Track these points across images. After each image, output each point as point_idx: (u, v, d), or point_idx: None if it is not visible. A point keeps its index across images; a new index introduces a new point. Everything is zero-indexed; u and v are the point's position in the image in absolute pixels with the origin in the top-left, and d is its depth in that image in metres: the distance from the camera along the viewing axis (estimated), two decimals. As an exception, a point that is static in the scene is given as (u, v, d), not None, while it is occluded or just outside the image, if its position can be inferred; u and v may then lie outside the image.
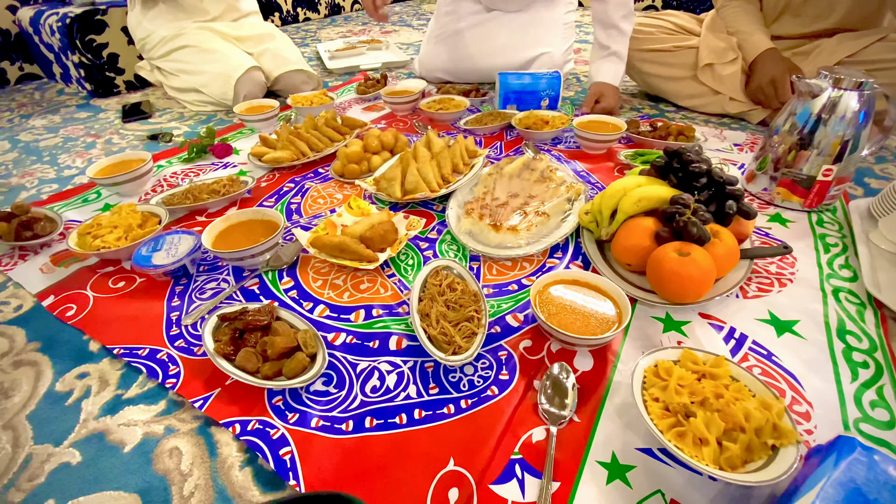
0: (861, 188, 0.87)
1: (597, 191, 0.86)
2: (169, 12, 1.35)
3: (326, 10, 2.81)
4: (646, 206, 0.62)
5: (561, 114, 1.10)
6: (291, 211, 0.82)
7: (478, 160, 0.90)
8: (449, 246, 0.71)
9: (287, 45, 1.42)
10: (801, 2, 1.05)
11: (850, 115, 0.71)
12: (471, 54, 1.39)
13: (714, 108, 1.15)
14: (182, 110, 1.36)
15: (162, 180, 0.95)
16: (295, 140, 0.97)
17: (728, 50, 1.09)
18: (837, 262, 0.66)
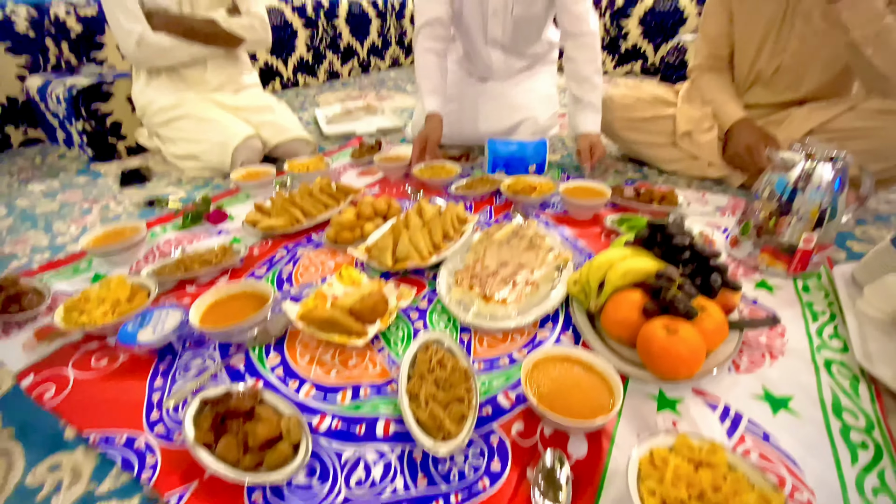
0: (844, 252, 0.89)
1: (584, 257, 0.87)
2: (171, 83, 1.42)
3: (325, 75, 2.97)
4: (633, 279, 0.63)
5: (548, 179, 1.14)
6: (282, 280, 0.82)
7: (468, 226, 0.92)
8: (440, 316, 0.71)
9: (286, 115, 1.48)
10: (770, 73, 1.13)
11: (825, 185, 0.74)
12: (460, 120, 1.46)
13: (695, 171, 1.20)
14: (180, 175, 1.39)
15: (155, 248, 0.95)
16: (289, 207, 0.98)
17: (704, 119, 1.15)
18: (827, 331, 0.66)
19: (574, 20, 1.21)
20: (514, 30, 1.36)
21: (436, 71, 1.30)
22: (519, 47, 1.42)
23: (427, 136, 1.24)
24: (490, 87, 1.47)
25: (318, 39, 2.83)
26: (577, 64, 1.22)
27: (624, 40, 2.83)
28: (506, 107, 1.42)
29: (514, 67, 1.47)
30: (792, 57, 1.07)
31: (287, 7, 2.61)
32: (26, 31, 1.75)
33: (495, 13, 1.31)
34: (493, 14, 1.31)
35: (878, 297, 0.68)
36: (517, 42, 1.40)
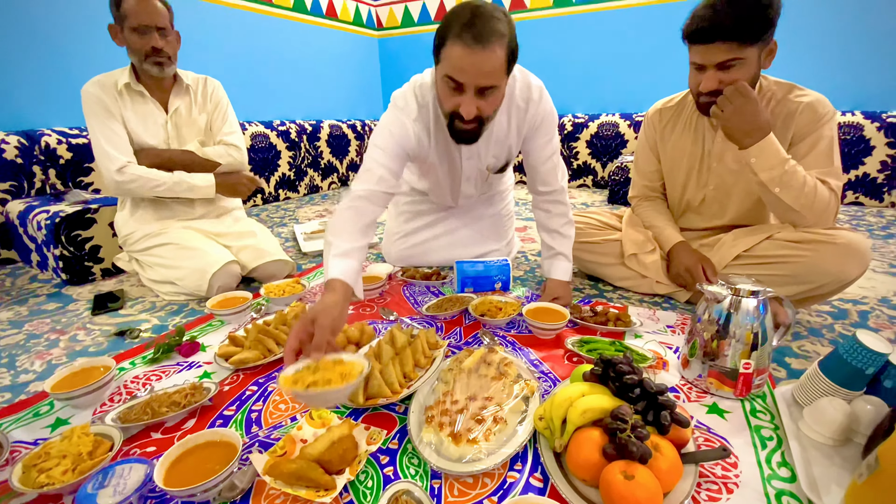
0: (783, 369, 0.96)
1: (550, 383, 0.91)
2: (156, 211, 1.50)
3: (306, 189, 3.16)
4: (591, 418, 0.67)
5: (513, 298, 1.22)
6: (251, 421, 0.82)
7: (438, 352, 0.96)
8: (410, 460, 0.72)
9: (266, 238, 1.56)
10: (698, 203, 1.30)
11: (752, 311, 0.83)
12: (426, 251, 1.56)
13: (644, 288, 1.31)
14: (155, 299, 1.41)
15: (122, 387, 0.94)
16: (263, 338, 1.01)
17: (646, 242, 1.29)
18: (775, 458, 0.70)
19: (543, 180, 1.27)
20: (485, 185, 1.44)
21: (357, 232, 1.02)
22: (486, 192, 1.52)
23: (315, 316, 0.78)
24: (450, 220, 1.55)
25: (300, 159, 3.07)
26: (549, 216, 1.29)
27: (575, 159, 3.20)
28: (469, 241, 1.54)
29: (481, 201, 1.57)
30: (714, 191, 1.25)
31: (272, 133, 2.86)
32: (14, 157, 1.84)
33: (468, 179, 1.35)
34: (467, 179, 1.35)
35: (816, 421, 0.74)
36: (485, 190, 1.50)
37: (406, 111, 1.16)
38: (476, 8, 0.92)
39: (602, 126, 3.07)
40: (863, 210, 2.45)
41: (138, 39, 1.33)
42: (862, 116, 2.47)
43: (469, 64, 0.92)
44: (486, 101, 0.99)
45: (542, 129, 1.20)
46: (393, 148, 1.12)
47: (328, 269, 0.94)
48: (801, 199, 1.04)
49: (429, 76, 1.17)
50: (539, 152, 1.23)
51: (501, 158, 1.30)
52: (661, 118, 1.30)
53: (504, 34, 0.93)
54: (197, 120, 1.54)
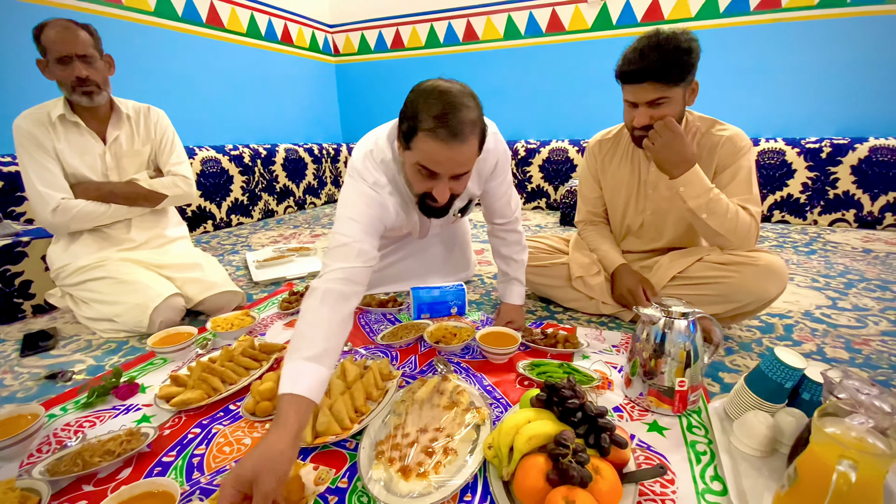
0: (717, 384, 1.02)
1: (501, 409, 0.93)
2: (94, 242, 1.43)
3: (260, 214, 3.09)
4: (536, 444, 0.69)
5: (467, 325, 1.24)
6: (193, 466, 0.78)
7: (391, 383, 0.96)
8: (360, 498, 0.71)
9: (214, 269, 1.50)
10: (637, 228, 1.38)
11: (684, 332, 0.88)
12: (385, 277, 1.57)
13: (591, 309, 1.37)
14: (91, 337, 1.33)
15: (52, 436, 0.87)
16: (208, 377, 0.97)
17: (592, 264, 1.36)
18: (708, 472, 0.75)
19: (498, 213, 1.29)
20: (452, 225, 1.47)
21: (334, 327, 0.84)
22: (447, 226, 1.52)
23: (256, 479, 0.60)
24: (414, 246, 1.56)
25: (254, 183, 3.01)
26: (504, 244, 1.32)
27: (529, 182, 3.32)
28: (427, 260, 1.57)
29: None
30: (651, 216, 1.33)
31: (224, 157, 2.80)
32: (-62, 188, 1.71)
33: (435, 224, 1.35)
34: (434, 225, 1.35)
35: (744, 434, 0.79)
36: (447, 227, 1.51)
37: (379, 186, 1.06)
38: (446, 98, 0.86)
39: (553, 151, 3.22)
40: (788, 228, 2.67)
41: (62, 71, 1.28)
42: (784, 143, 2.72)
43: (445, 158, 0.88)
44: (458, 184, 0.96)
45: (497, 171, 1.21)
46: (371, 221, 1.01)
47: (288, 377, 0.73)
48: (726, 224, 1.13)
49: (384, 145, 1.07)
50: (495, 191, 1.26)
51: (465, 202, 1.29)
52: (601, 149, 1.38)
53: (476, 122, 0.88)
54: (140, 151, 1.49)
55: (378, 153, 1.07)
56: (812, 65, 2.70)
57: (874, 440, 0.57)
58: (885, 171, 2.50)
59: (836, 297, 1.55)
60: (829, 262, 1.96)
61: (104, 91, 1.37)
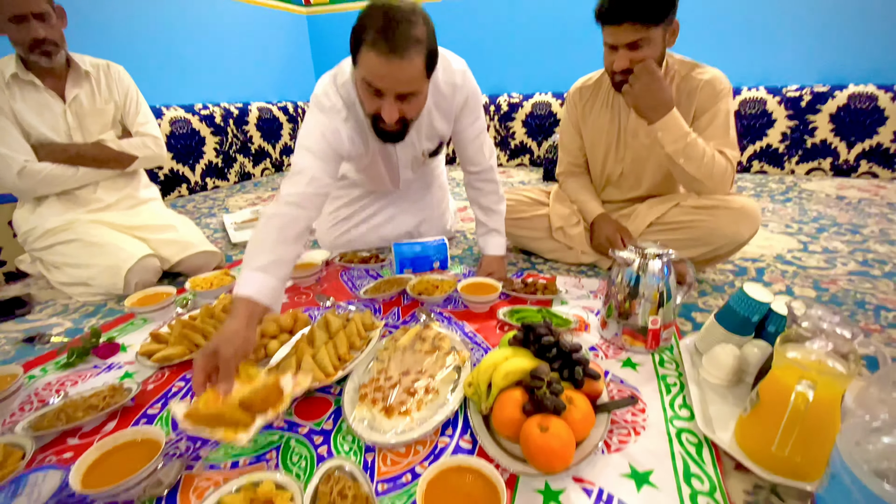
0: (690, 323, 1.06)
1: (482, 352, 0.95)
2: (61, 203, 1.38)
3: (236, 177, 3.00)
4: (513, 379, 0.71)
5: (451, 277, 1.25)
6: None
7: (374, 333, 0.97)
8: (344, 437, 0.73)
9: (189, 230, 1.47)
10: (616, 177, 1.38)
11: (658, 273, 0.90)
12: (362, 234, 1.56)
13: (571, 259, 1.39)
14: (67, 302, 1.30)
15: (33, 395, 0.87)
16: (189, 333, 0.97)
17: (572, 215, 1.37)
18: (678, 402, 0.78)
19: (471, 160, 1.29)
20: (420, 169, 1.44)
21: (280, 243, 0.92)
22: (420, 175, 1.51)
23: (216, 349, 0.72)
24: (391, 204, 1.55)
25: (227, 144, 2.90)
26: (480, 194, 1.33)
27: (512, 139, 3.26)
28: (406, 216, 1.55)
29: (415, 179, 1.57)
30: (630, 164, 1.33)
31: (194, 117, 2.68)
32: None
33: (406, 166, 1.35)
34: (404, 167, 1.35)
35: (712, 365, 0.83)
36: (424, 173, 1.51)
37: (334, 112, 1.08)
38: (390, 11, 0.86)
39: (536, 105, 3.15)
40: (766, 178, 2.71)
41: (17, 31, 1.19)
42: (765, 91, 2.71)
43: (386, 73, 0.89)
44: (408, 105, 0.96)
45: (466, 109, 1.21)
46: (325, 150, 1.04)
47: (240, 283, 0.85)
48: (702, 168, 1.13)
49: (348, 69, 1.09)
50: (465, 132, 1.25)
51: (434, 142, 1.30)
52: (582, 96, 1.36)
53: (421, 40, 0.89)
54: (104, 110, 1.41)
55: (341, 76, 1.10)
56: (794, 10, 2.65)
57: (833, 363, 0.60)
58: (863, 120, 2.52)
59: (807, 241, 1.59)
60: (803, 208, 2.01)
61: (62, 49, 1.28)
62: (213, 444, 0.72)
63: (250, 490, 0.58)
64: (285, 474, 0.61)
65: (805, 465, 0.60)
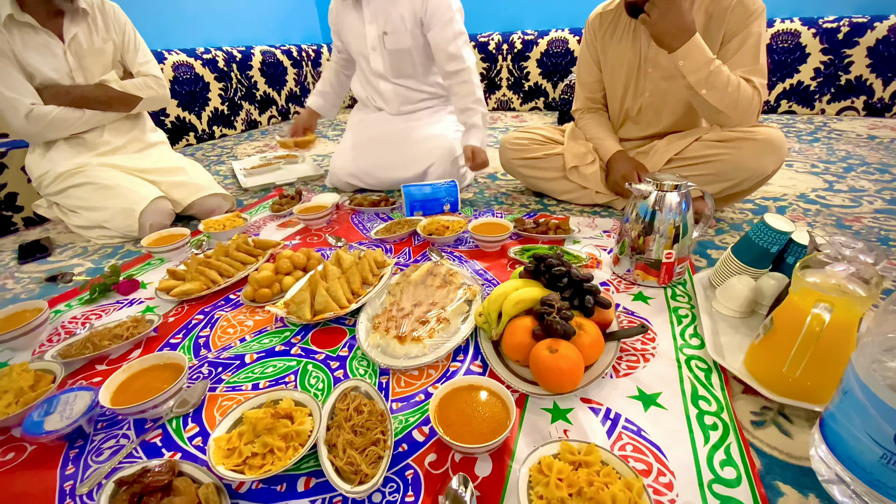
0: (705, 259, 1.05)
1: (493, 287, 0.96)
2: (70, 147, 1.38)
3: (243, 125, 2.95)
4: (523, 307, 0.71)
5: (460, 218, 1.23)
6: (199, 346, 0.82)
7: (386, 270, 0.98)
8: (359, 362, 0.75)
9: (198, 173, 1.47)
10: (636, 112, 1.32)
11: (674, 207, 0.88)
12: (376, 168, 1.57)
13: (585, 199, 1.36)
14: (86, 244, 1.33)
15: (59, 328, 0.91)
16: (205, 269, 0.99)
17: (587, 154, 1.32)
18: (688, 332, 0.79)
19: (449, 59, 1.40)
20: (392, 62, 1.53)
21: (326, 82, 1.72)
22: (402, 80, 1.58)
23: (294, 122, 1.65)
24: (396, 132, 1.59)
25: (232, 91, 2.83)
26: (459, 97, 1.43)
27: (526, 80, 3.12)
28: (415, 153, 1.53)
29: (409, 100, 1.62)
30: (650, 98, 1.27)
31: (196, 62, 2.60)
32: None
33: (374, 48, 1.51)
34: (373, 49, 1.50)
35: (726, 298, 0.82)
36: (398, 74, 1.56)
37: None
38: None
39: (552, 43, 2.98)
40: (794, 118, 2.57)
41: None
42: (800, 23, 2.51)
43: None
44: None
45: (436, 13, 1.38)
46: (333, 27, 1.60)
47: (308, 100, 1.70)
48: (726, 99, 1.07)
49: None
50: (441, 30, 1.39)
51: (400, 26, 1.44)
52: (602, 23, 1.27)
53: None
54: (103, 49, 1.37)
55: None
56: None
57: (854, 286, 0.58)
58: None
59: (833, 180, 1.53)
60: (831, 148, 1.92)
61: None
62: (234, 368, 0.75)
63: (271, 406, 0.61)
64: (303, 392, 0.63)
65: (815, 388, 0.60)
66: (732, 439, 0.58)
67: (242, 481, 0.55)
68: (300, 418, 0.59)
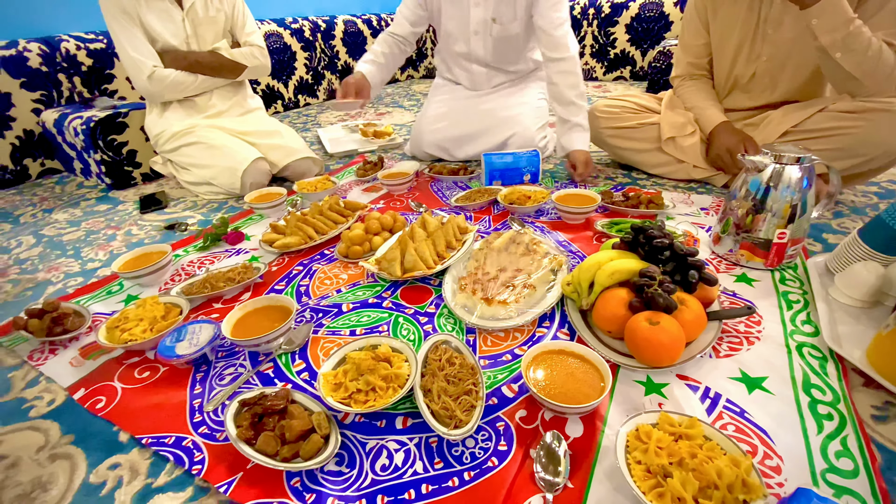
0: (820, 244, 0.95)
1: (578, 259, 0.94)
2: (182, 109, 1.51)
3: (325, 94, 3.07)
4: (619, 279, 0.69)
5: (541, 188, 1.21)
6: (301, 293, 0.89)
7: (468, 236, 0.99)
8: (446, 319, 0.78)
9: (292, 137, 1.56)
10: (747, 80, 1.20)
11: (794, 184, 0.80)
12: (456, 139, 1.55)
13: (680, 174, 1.27)
14: (195, 199, 1.47)
15: (180, 269, 1.03)
16: (302, 226, 1.06)
17: (687, 124, 1.23)
18: (800, 318, 0.73)
19: (553, 45, 1.30)
20: (495, 48, 1.45)
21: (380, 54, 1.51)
22: (501, 65, 1.52)
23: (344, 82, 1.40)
24: (479, 103, 1.56)
25: (316, 60, 2.94)
26: (560, 88, 1.31)
27: (612, 47, 2.93)
28: (496, 123, 1.50)
29: (498, 80, 1.57)
30: (766, 63, 1.14)
31: (286, 32, 2.71)
32: (39, 66, 1.83)
33: (476, 32, 1.42)
34: (475, 33, 1.42)
35: (847, 285, 0.75)
36: (499, 60, 1.50)
37: None
38: None
39: (644, 6, 2.75)
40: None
41: None
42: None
43: None
44: None
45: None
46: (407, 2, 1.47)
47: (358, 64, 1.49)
48: (864, 64, 0.94)
49: None
50: (548, 13, 1.29)
51: (508, 12, 1.35)
52: (715, -20, 1.15)
53: None
54: (215, 18, 1.47)
55: None
56: None
57: None
58: None
59: None
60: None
61: None
62: (333, 315, 0.81)
63: (370, 350, 0.65)
64: (400, 340, 0.67)
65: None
66: (850, 431, 0.54)
67: (348, 413, 0.60)
68: (397, 363, 0.63)
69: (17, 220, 1.43)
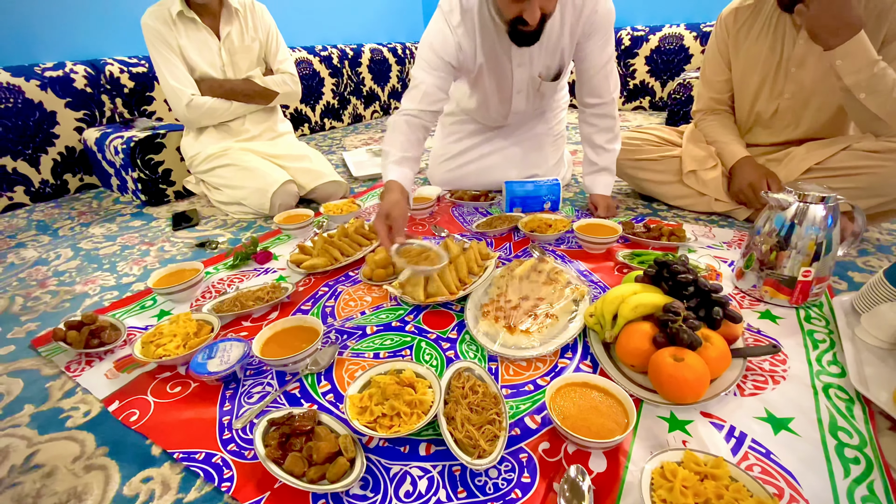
0: (845, 282, 0.94)
1: (599, 290, 0.95)
2: (217, 133, 1.58)
3: (350, 118, 3.17)
4: (642, 312, 0.70)
5: (562, 217, 1.23)
6: (326, 314, 0.91)
7: (490, 262, 1.01)
8: (468, 346, 0.79)
9: (320, 161, 1.62)
10: (769, 116, 1.21)
11: (818, 222, 0.80)
12: (471, 173, 1.55)
13: (702, 207, 1.28)
14: (225, 218, 1.53)
15: (210, 286, 1.06)
16: (329, 248, 1.09)
17: (708, 158, 1.24)
18: (826, 358, 0.72)
19: (595, 90, 1.23)
20: (539, 101, 1.39)
21: (408, 143, 1.13)
22: (538, 109, 1.46)
23: (388, 212, 0.96)
24: (496, 144, 1.51)
25: (342, 86, 3.05)
26: (596, 131, 1.27)
27: (632, 78, 2.98)
28: (514, 164, 1.50)
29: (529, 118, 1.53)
30: (789, 100, 1.16)
31: (315, 58, 2.83)
32: (84, 87, 1.94)
33: (519, 91, 1.30)
34: (518, 92, 1.30)
35: (874, 326, 0.74)
36: (537, 106, 1.43)
37: (449, 17, 1.13)
38: None
39: (664, 39, 2.81)
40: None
41: None
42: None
43: None
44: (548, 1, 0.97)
45: (597, 30, 1.14)
46: (435, 61, 1.13)
47: (386, 173, 1.08)
48: (888, 105, 0.95)
49: None
50: (593, 58, 1.18)
51: (554, 65, 1.24)
52: (737, 19, 1.18)
53: None
54: (251, 48, 1.55)
55: None
56: None
57: None
58: None
59: None
60: None
61: None
62: (357, 337, 0.83)
63: (395, 374, 0.67)
64: (424, 366, 0.68)
65: None
66: (876, 476, 0.53)
67: (372, 437, 0.62)
68: (421, 389, 0.64)
69: (55, 232, 1.50)
